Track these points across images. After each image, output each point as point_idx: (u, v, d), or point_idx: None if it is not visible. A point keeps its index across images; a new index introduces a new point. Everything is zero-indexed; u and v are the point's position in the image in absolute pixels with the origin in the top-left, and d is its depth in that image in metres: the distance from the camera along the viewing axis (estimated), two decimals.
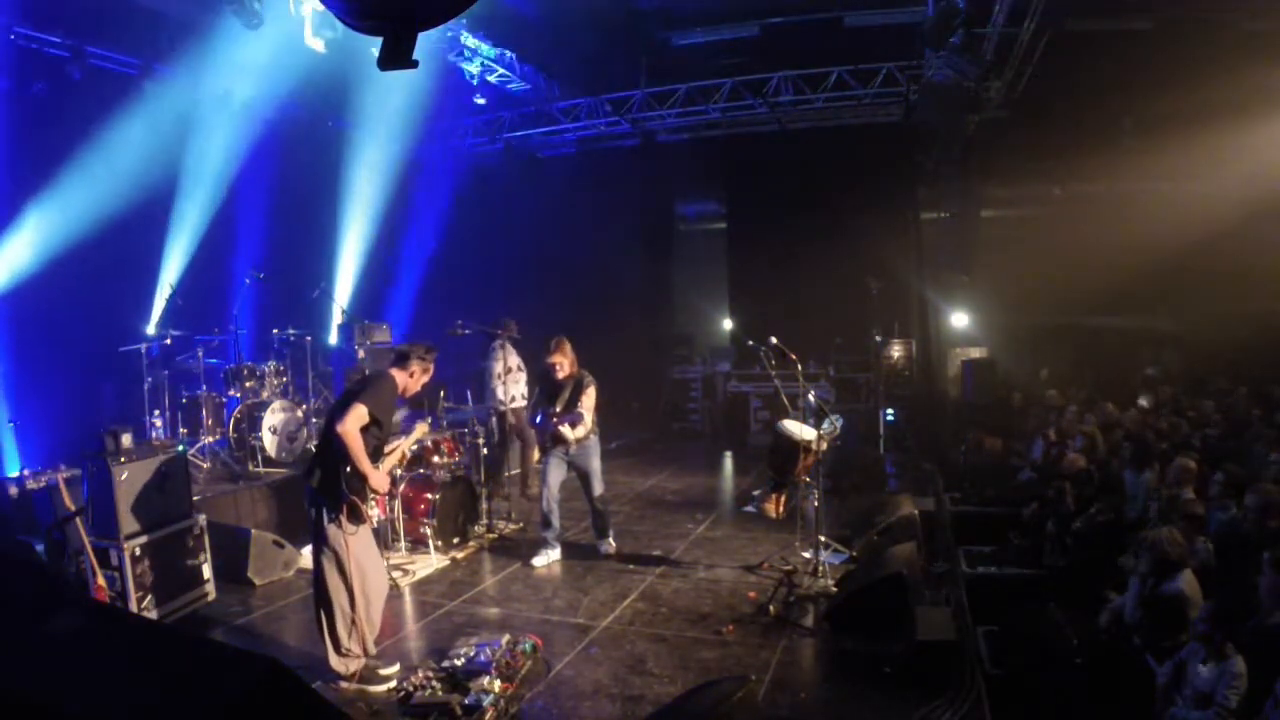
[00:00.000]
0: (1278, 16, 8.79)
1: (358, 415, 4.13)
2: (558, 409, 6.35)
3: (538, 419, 6.57)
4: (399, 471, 6.51)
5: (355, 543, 4.24)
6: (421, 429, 5.16)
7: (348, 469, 4.14)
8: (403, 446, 4.88)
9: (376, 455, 4.39)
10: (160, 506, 5.07)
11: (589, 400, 6.29)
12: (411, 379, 4.52)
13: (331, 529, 4.20)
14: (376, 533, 6.12)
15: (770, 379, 6.41)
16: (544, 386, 6.56)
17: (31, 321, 7.79)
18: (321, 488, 4.22)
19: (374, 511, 4.45)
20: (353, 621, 4.26)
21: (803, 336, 7.72)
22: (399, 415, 7.56)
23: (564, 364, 6.35)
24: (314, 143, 11.09)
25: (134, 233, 8.61)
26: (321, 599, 4.29)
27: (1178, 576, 4.01)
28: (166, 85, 9.03)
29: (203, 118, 9.49)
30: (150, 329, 8.34)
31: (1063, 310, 12.49)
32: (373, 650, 4.43)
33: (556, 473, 6.41)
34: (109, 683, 2.11)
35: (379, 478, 4.26)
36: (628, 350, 12.21)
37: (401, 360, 4.55)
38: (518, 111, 12.64)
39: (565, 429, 6.20)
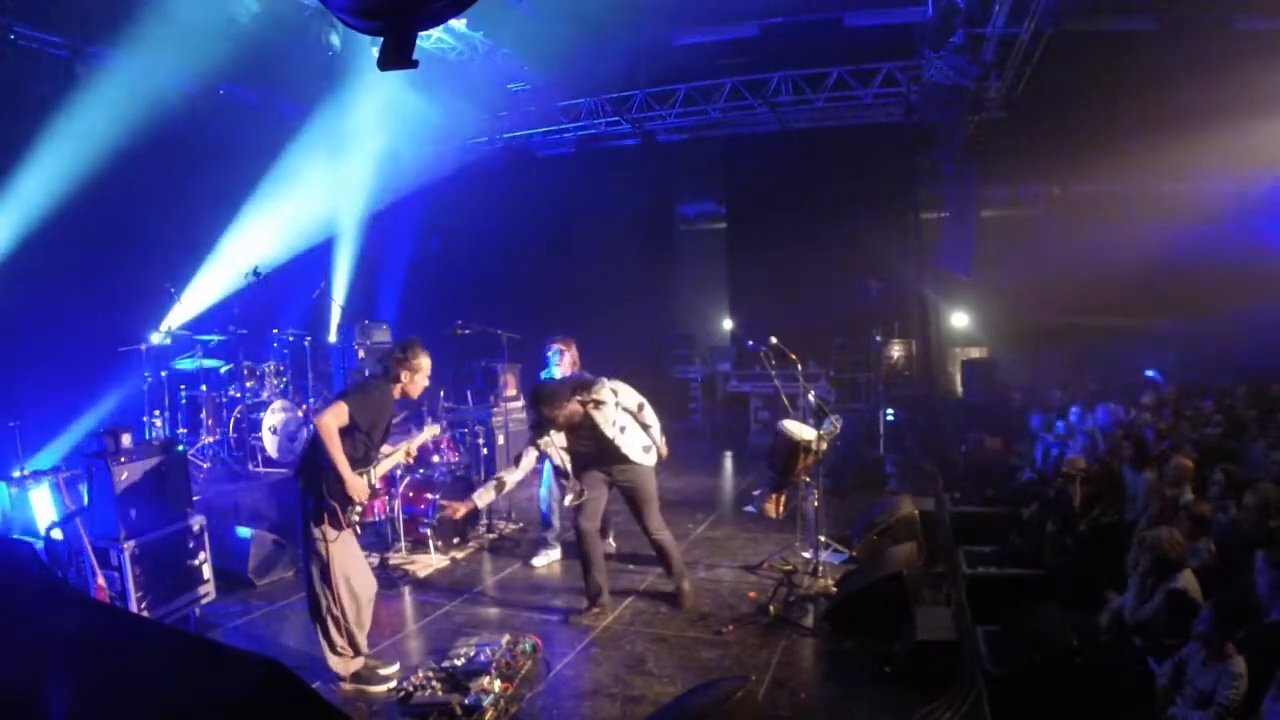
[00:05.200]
0: (1277, 16, 8.78)
1: (336, 412, 4.11)
2: None
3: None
4: (400, 469, 6.50)
5: (336, 548, 4.22)
6: (432, 430, 5.13)
7: (332, 474, 4.12)
8: (407, 447, 4.80)
9: (366, 460, 4.36)
10: (160, 506, 5.07)
11: None
12: (410, 383, 4.43)
13: (315, 534, 4.21)
14: (378, 531, 6.16)
15: (770, 379, 6.41)
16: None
17: (31, 321, 7.79)
18: (306, 489, 4.23)
19: (357, 511, 4.37)
20: (336, 621, 4.26)
21: (803, 336, 7.72)
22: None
23: (565, 357, 6.33)
24: (313, 142, 11.08)
25: (134, 232, 8.60)
26: (311, 601, 4.30)
27: (1177, 576, 4.01)
28: (165, 84, 9.04)
29: (204, 116, 9.49)
30: (156, 336, 8.26)
31: (1063, 310, 12.49)
32: (365, 649, 4.43)
33: (557, 474, 6.40)
34: (109, 683, 2.11)
35: (355, 482, 4.18)
36: (627, 350, 12.21)
37: (389, 369, 4.44)
38: (518, 111, 12.63)
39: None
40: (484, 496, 5.23)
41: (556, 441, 5.19)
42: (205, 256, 9.52)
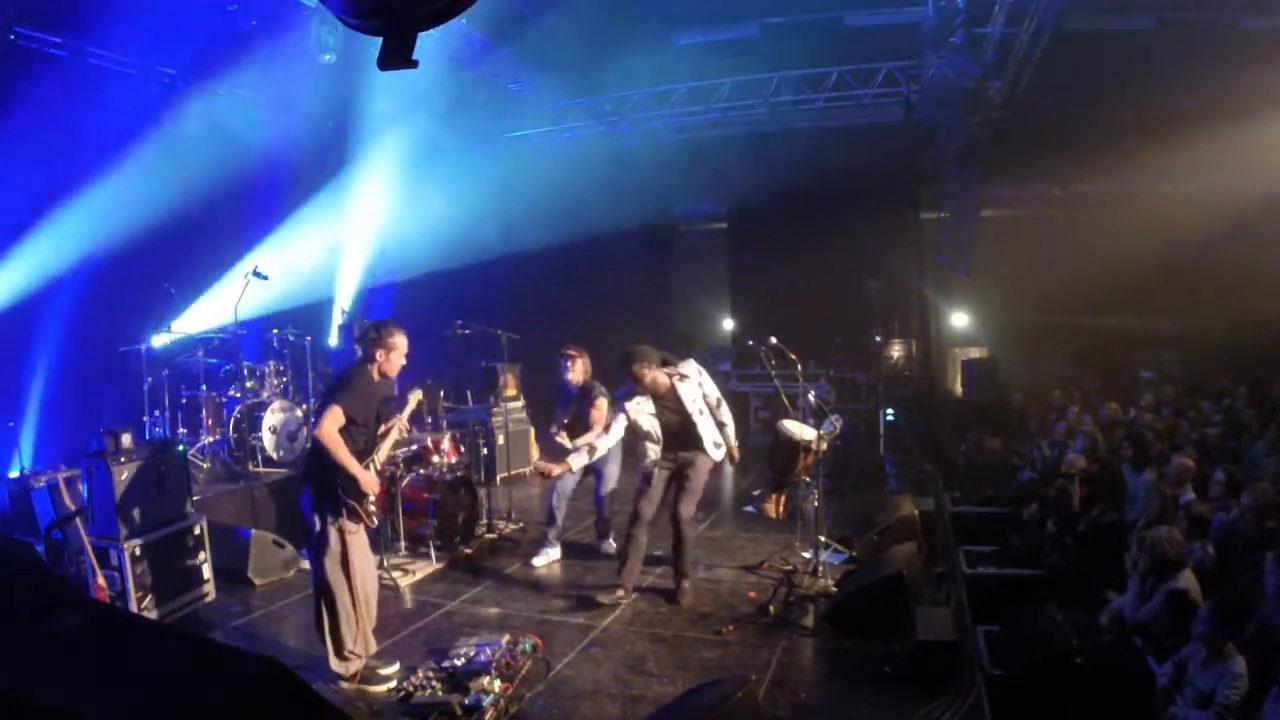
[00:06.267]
0: (1278, 16, 8.78)
1: (333, 417, 4.12)
2: (566, 421, 6.42)
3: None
4: (400, 469, 6.50)
5: (354, 542, 4.25)
6: (415, 397, 5.11)
7: (342, 473, 4.14)
8: (399, 424, 4.79)
9: (367, 450, 4.38)
10: (160, 506, 5.07)
11: (598, 413, 6.26)
12: (386, 362, 4.42)
13: (332, 531, 4.20)
14: (377, 531, 6.14)
15: (770, 379, 6.41)
16: (559, 395, 6.63)
17: (31, 320, 7.79)
18: (319, 491, 4.23)
19: (372, 509, 4.39)
20: (356, 621, 4.27)
21: (803, 336, 7.73)
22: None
23: (577, 364, 6.36)
24: (313, 142, 11.08)
25: (133, 232, 8.60)
26: (326, 601, 4.28)
27: (1177, 576, 4.02)
28: (164, 86, 9.03)
29: (205, 117, 9.47)
30: (157, 337, 8.23)
31: (1063, 310, 12.49)
32: (374, 647, 4.43)
33: (571, 474, 6.39)
34: (109, 683, 2.11)
35: (367, 478, 4.22)
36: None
37: (365, 350, 4.45)
38: (518, 111, 12.62)
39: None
40: (578, 460, 5.40)
41: (645, 409, 5.35)
42: (207, 257, 9.51)
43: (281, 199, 10.42)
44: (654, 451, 5.43)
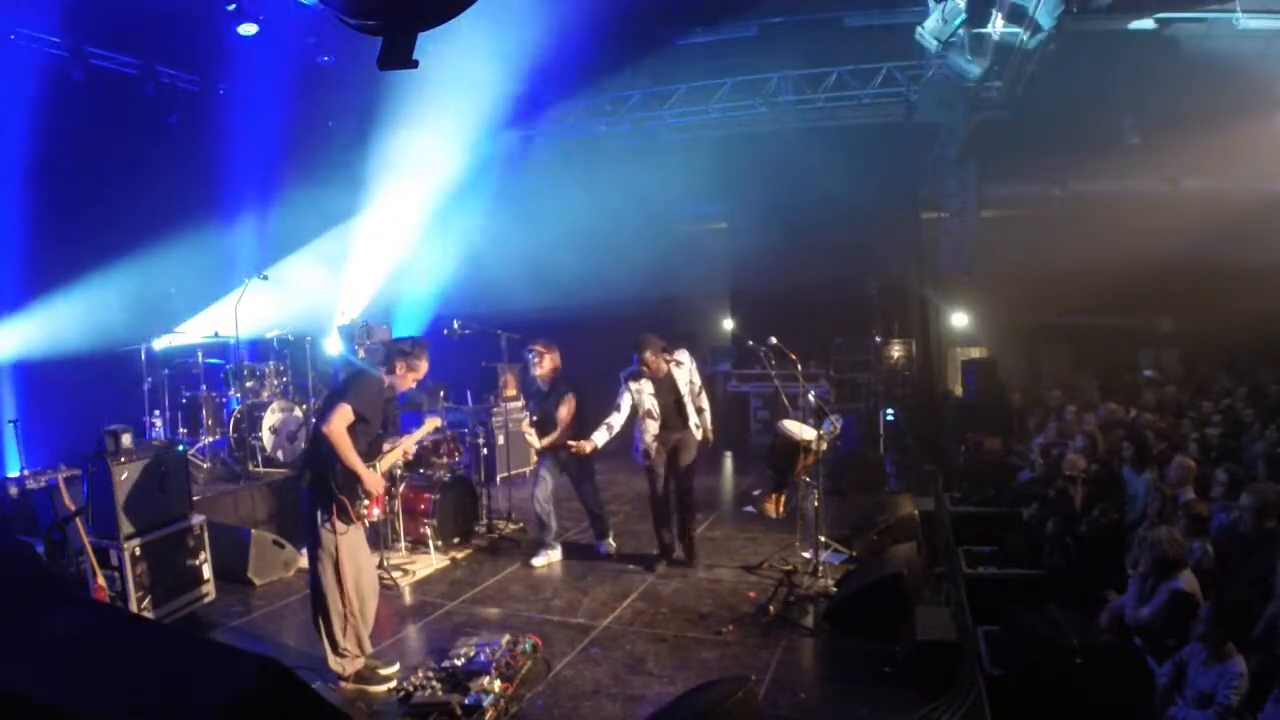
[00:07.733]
0: (1278, 16, 8.78)
1: (342, 414, 4.15)
2: (536, 418, 6.50)
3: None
4: (400, 469, 6.50)
5: (346, 542, 4.24)
6: (432, 423, 5.16)
7: (338, 468, 4.16)
8: (406, 444, 4.86)
9: (373, 453, 4.41)
10: (160, 506, 5.07)
11: (565, 410, 6.31)
12: (402, 378, 4.57)
13: (324, 529, 4.21)
14: (378, 531, 6.18)
15: (770, 379, 6.43)
16: (527, 391, 6.75)
17: (32, 320, 7.79)
18: (313, 487, 4.24)
19: (375, 511, 4.41)
20: (346, 621, 4.27)
21: (803, 336, 7.72)
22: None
23: (545, 360, 6.36)
24: (313, 143, 11.08)
25: (132, 233, 8.60)
26: (317, 600, 4.30)
27: (1178, 577, 4.01)
28: (166, 86, 9.03)
29: (205, 118, 9.47)
30: (159, 341, 8.21)
31: (1062, 310, 12.48)
32: (369, 648, 4.43)
33: (549, 476, 6.42)
34: (109, 683, 2.11)
35: (371, 477, 4.26)
36: (627, 351, 12.17)
37: (388, 359, 4.63)
38: (517, 111, 12.61)
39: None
40: (600, 436, 5.98)
41: (646, 389, 5.98)
42: (208, 257, 9.51)
43: (279, 195, 10.41)
44: (653, 428, 5.98)
